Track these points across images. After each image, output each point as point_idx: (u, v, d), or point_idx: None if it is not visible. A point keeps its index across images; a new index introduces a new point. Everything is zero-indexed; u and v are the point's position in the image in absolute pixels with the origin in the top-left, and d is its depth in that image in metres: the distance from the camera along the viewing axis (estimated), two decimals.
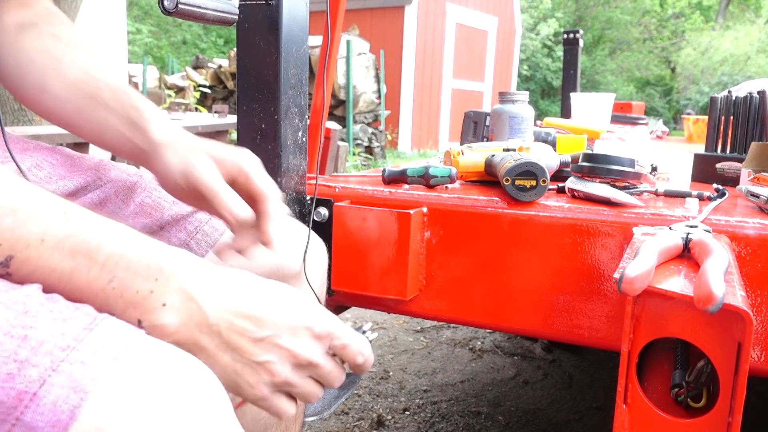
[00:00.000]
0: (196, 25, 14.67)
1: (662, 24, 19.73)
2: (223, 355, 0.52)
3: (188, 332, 0.51)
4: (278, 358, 0.53)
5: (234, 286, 0.53)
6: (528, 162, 0.96)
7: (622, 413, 0.70)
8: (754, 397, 1.66)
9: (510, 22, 11.84)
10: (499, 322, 0.98)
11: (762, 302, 0.84)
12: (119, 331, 0.47)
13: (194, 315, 0.50)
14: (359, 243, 0.99)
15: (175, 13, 0.80)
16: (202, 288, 0.51)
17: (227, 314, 0.51)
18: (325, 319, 0.56)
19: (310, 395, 0.57)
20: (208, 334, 0.51)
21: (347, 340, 0.58)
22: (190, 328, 0.50)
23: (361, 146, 7.63)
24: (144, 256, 0.49)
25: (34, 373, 0.42)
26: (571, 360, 2.26)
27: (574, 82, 2.89)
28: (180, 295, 0.50)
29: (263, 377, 0.53)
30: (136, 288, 0.48)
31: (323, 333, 0.56)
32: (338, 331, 0.57)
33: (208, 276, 0.52)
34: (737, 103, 1.31)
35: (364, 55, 7.75)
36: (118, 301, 0.48)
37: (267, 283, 0.55)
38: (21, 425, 0.42)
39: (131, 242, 0.49)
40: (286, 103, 1.00)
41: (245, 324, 0.52)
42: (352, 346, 0.58)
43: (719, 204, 0.99)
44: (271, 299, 0.54)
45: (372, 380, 2.04)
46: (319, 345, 0.56)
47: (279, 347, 0.53)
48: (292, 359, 0.54)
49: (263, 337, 0.53)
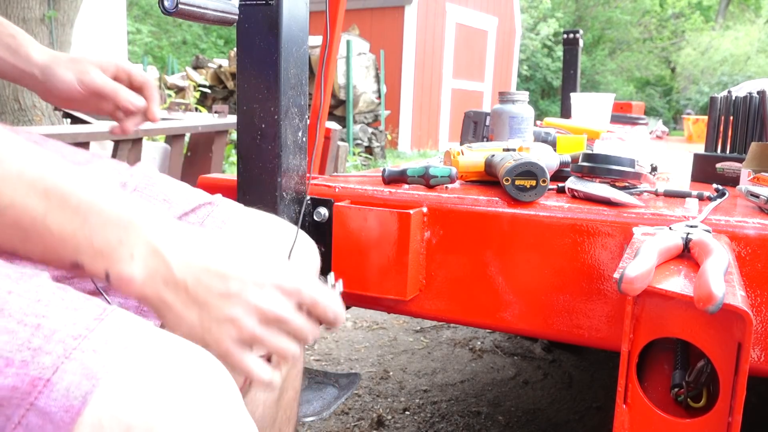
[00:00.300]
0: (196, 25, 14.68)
1: (662, 24, 19.72)
2: (190, 311, 0.52)
3: (154, 287, 0.51)
4: (245, 313, 0.53)
5: (201, 243, 0.53)
6: (528, 162, 0.96)
7: (622, 413, 0.70)
8: (754, 397, 1.66)
9: (510, 22, 11.84)
10: (499, 322, 0.98)
11: (762, 302, 0.84)
12: (128, 322, 0.48)
13: (160, 269, 0.51)
14: (359, 243, 0.99)
15: (175, 13, 0.80)
16: (169, 243, 0.51)
17: (194, 270, 0.52)
18: (293, 276, 0.56)
19: (281, 351, 0.56)
20: (174, 289, 0.51)
21: (317, 295, 0.58)
22: (156, 282, 0.51)
23: (361, 146, 7.63)
24: (115, 207, 0.49)
25: (48, 360, 0.43)
26: (571, 360, 2.26)
27: (574, 82, 2.89)
28: (147, 248, 0.50)
29: (231, 332, 0.53)
30: (106, 236, 0.48)
31: (291, 289, 0.56)
32: (306, 288, 0.57)
33: (176, 232, 0.52)
34: (737, 103, 1.31)
35: (364, 55, 7.75)
36: (88, 249, 0.48)
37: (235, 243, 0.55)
38: (35, 410, 0.43)
39: (103, 192, 0.50)
40: (286, 103, 1.00)
41: (211, 279, 0.52)
42: (321, 302, 0.58)
43: (719, 204, 0.99)
44: (238, 256, 0.54)
45: (372, 380, 2.05)
46: (287, 300, 0.56)
47: (246, 303, 0.53)
48: (260, 314, 0.54)
49: (230, 293, 0.53)
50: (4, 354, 0.43)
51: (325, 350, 2.31)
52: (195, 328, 0.52)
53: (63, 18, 4.32)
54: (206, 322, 0.53)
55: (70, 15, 4.36)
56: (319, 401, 1.05)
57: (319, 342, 2.38)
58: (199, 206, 0.84)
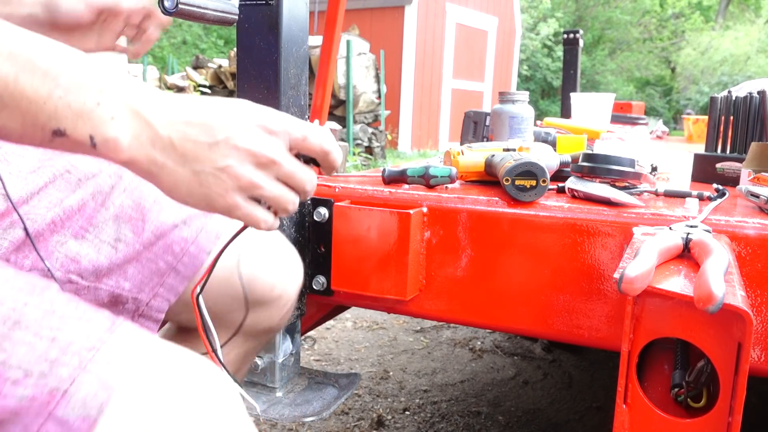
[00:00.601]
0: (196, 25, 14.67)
1: (662, 24, 19.73)
2: (183, 168, 0.51)
3: (141, 148, 0.49)
4: (238, 160, 0.52)
5: (178, 100, 0.52)
6: (528, 162, 0.96)
7: (622, 413, 0.70)
8: (754, 397, 1.66)
9: (510, 22, 11.84)
10: (499, 322, 0.98)
11: (762, 302, 0.84)
12: (136, 333, 0.50)
13: (144, 130, 0.49)
14: (359, 243, 0.99)
15: (175, 13, 0.80)
16: (146, 103, 0.50)
17: (177, 125, 0.50)
18: (279, 116, 0.55)
19: (281, 200, 0.55)
20: (161, 148, 0.50)
21: (306, 131, 0.55)
22: (142, 143, 0.49)
23: (361, 146, 7.63)
24: (85, 70, 0.48)
25: (65, 371, 0.45)
26: (571, 360, 2.26)
27: (574, 82, 2.89)
28: (127, 109, 0.49)
29: (228, 183, 0.52)
30: (83, 98, 0.47)
31: (278, 129, 0.54)
32: (294, 125, 0.55)
33: (150, 93, 0.51)
34: (737, 103, 1.30)
35: (364, 55, 7.75)
36: (68, 113, 0.46)
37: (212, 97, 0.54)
38: (53, 419, 0.45)
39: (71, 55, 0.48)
40: (286, 103, 1.00)
41: (196, 131, 0.51)
42: (312, 136, 0.56)
43: (719, 204, 0.99)
44: (218, 106, 0.53)
45: (372, 380, 2.05)
46: (277, 140, 0.54)
47: (236, 148, 0.52)
48: (252, 158, 0.52)
49: (217, 141, 0.51)
50: (23, 366, 0.45)
51: (325, 350, 2.31)
52: (193, 185, 0.51)
53: None
54: (203, 177, 0.51)
55: None
56: (319, 401, 1.05)
57: (319, 342, 2.38)
58: (191, 217, 0.82)
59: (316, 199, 1.06)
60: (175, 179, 0.51)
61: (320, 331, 2.47)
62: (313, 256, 1.07)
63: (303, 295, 1.08)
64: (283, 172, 0.54)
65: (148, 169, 0.50)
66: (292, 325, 1.09)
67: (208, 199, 0.52)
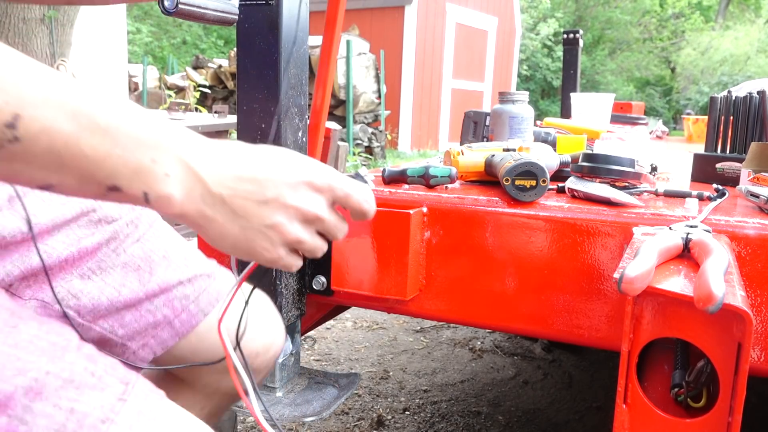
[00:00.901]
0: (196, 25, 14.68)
1: (662, 24, 19.72)
2: (233, 224, 0.53)
3: (193, 204, 0.51)
4: (287, 218, 0.54)
5: (229, 153, 0.53)
6: (528, 162, 0.96)
7: (622, 413, 0.70)
8: (754, 397, 1.66)
9: (510, 22, 11.84)
10: (499, 322, 0.98)
11: (762, 302, 0.84)
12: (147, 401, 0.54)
13: (196, 186, 0.51)
14: (359, 243, 0.99)
15: (175, 13, 0.80)
16: (199, 158, 0.51)
17: (228, 181, 0.52)
18: (324, 172, 0.57)
19: (317, 250, 0.58)
20: (212, 204, 0.52)
21: (349, 189, 0.58)
22: (194, 199, 0.51)
23: (361, 146, 7.62)
24: (143, 126, 0.49)
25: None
26: (571, 360, 2.26)
27: (574, 82, 2.89)
28: (180, 166, 0.50)
29: (275, 239, 0.54)
30: (140, 156, 0.48)
31: (323, 186, 0.56)
32: (338, 182, 0.57)
33: (203, 146, 0.52)
34: (737, 103, 1.30)
35: (364, 55, 7.75)
36: (124, 171, 0.48)
37: (259, 146, 0.56)
38: None
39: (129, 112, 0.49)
40: (286, 103, 1.00)
41: (247, 187, 0.52)
42: (355, 194, 0.59)
43: (719, 204, 0.99)
44: (266, 160, 0.54)
45: (372, 380, 2.04)
46: (322, 198, 0.56)
47: (285, 206, 0.54)
48: (300, 216, 0.55)
49: (267, 199, 0.53)
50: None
51: (325, 350, 2.31)
52: (239, 240, 0.53)
53: (63, 18, 4.32)
54: (249, 233, 0.53)
55: (70, 15, 4.36)
56: (319, 401, 1.05)
57: (319, 342, 2.38)
58: (196, 276, 0.82)
59: None
60: (222, 232, 0.53)
61: (320, 331, 2.47)
62: None
63: (303, 295, 1.08)
64: (325, 227, 0.58)
65: (198, 222, 0.52)
66: (292, 325, 1.09)
67: (252, 252, 0.54)
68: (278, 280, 1.01)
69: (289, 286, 1.04)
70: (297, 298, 1.07)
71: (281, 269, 0.58)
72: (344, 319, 2.62)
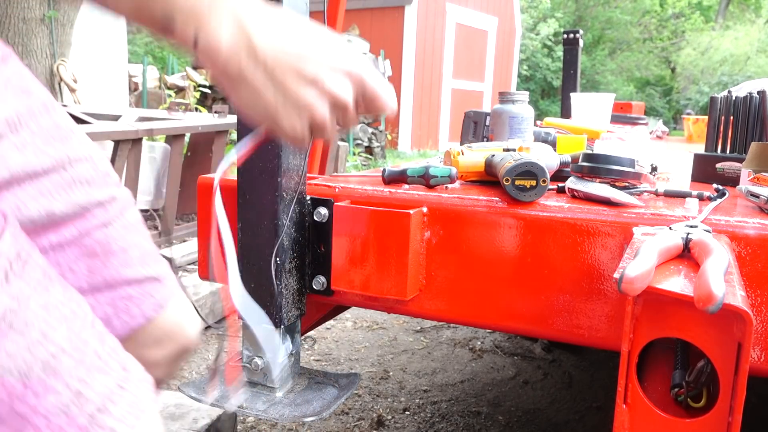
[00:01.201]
0: None
1: (662, 24, 19.72)
2: (267, 89, 0.53)
3: (236, 56, 0.52)
4: (321, 102, 0.55)
5: (283, 23, 0.54)
6: (528, 162, 0.96)
7: (622, 413, 0.70)
8: (754, 397, 1.66)
9: (510, 22, 11.83)
10: (500, 322, 0.98)
11: (762, 302, 0.84)
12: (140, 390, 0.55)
13: (244, 43, 0.52)
14: (359, 243, 0.99)
15: None
16: (254, 18, 0.53)
17: (274, 47, 0.53)
18: (360, 63, 0.57)
19: (331, 134, 0.59)
20: (254, 66, 0.53)
21: (379, 90, 0.59)
22: (239, 54, 0.52)
23: (361, 146, 7.62)
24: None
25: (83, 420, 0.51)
26: (571, 360, 2.26)
27: (574, 82, 2.89)
28: (234, 19, 0.52)
29: (303, 116, 0.55)
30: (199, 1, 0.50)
31: (357, 77, 0.57)
32: (370, 79, 0.58)
33: (260, 10, 0.54)
34: (737, 103, 1.30)
35: (364, 55, 7.75)
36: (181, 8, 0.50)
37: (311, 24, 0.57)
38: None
39: None
40: None
41: (291, 60, 0.54)
42: (381, 97, 0.59)
43: (719, 204, 0.99)
44: (316, 39, 0.55)
45: (372, 380, 2.05)
46: (352, 89, 0.57)
47: (322, 90, 0.55)
48: (332, 101, 0.56)
49: (305, 75, 0.54)
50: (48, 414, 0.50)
51: (325, 350, 2.31)
52: (270, 107, 0.54)
53: (63, 18, 4.32)
54: (281, 103, 0.54)
55: (70, 15, 4.36)
56: (319, 401, 1.05)
57: (319, 342, 2.38)
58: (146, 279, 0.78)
59: (316, 199, 1.06)
60: (256, 96, 0.54)
61: (320, 331, 2.47)
62: (313, 256, 1.07)
63: (303, 295, 1.08)
64: (346, 117, 0.58)
65: (235, 78, 0.53)
66: (292, 325, 1.09)
67: (278, 122, 0.55)
68: (278, 280, 1.01)
69: (289, 286, 1.04)
70: (297, 298, 1.06)
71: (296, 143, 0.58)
72: (344, 319, 2.62)
